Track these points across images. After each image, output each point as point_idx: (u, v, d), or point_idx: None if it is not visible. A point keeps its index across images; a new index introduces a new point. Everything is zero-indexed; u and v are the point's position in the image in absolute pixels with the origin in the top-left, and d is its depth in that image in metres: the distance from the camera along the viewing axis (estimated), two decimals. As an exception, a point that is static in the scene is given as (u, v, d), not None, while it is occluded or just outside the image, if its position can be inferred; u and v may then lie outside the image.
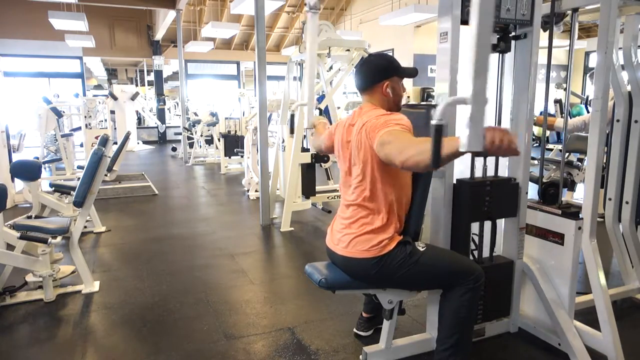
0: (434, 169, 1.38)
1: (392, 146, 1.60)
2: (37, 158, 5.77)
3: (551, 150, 6.03)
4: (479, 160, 2.14)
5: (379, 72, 1.87)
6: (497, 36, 2.10)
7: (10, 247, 2.81)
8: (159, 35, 12.55)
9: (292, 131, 4.14)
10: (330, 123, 5.10)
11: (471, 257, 2.18)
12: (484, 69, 1.23)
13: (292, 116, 4.06)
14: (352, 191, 1.88)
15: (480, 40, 1.21)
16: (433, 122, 1.29)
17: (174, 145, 11.29)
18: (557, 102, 6.07)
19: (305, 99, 2.93)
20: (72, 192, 3.70)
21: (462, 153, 1.31)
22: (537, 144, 8.57)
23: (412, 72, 1.94)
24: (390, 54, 10.99)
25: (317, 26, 3.82)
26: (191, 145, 9.38)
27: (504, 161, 2.24)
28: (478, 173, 2.14)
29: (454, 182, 2.06)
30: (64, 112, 8.47)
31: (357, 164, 1.83)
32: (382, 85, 1.86)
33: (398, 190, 1.84)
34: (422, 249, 1.83)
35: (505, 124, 2.21)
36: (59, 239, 2.76)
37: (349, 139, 1.89)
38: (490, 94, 2.18)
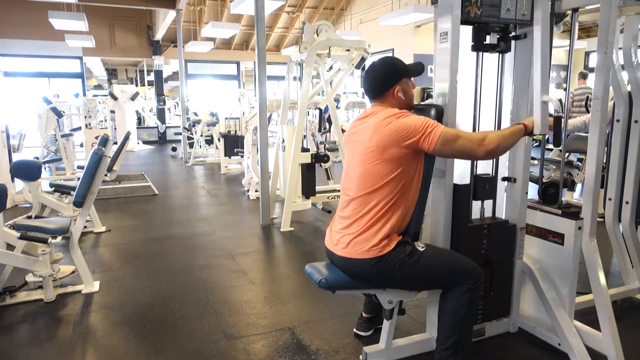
0: (557, 146, 1.88)
1: (463, 140, 1.75)
2: (37, 158, 5.77)
3: (551, 150, 6.03)
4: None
5: (386, 79, 1.88)
6: (498, 36, 2.10)
7: (10, 247, 2.81)
8: (159, 35, 12.55)
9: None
10: (330, 123, 5.11)
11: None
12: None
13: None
14: (354, 190, 1.86)
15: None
16: (554, 114, 1.97)
17: (174, 145, 11.29)
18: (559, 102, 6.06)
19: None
20: (72, 192, 3.70)
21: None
22: (537, 144, 8.56)
23: (418, 69, 1.95)
24: (390, 54, 11.02)
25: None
26: (191, 145, 9.39)
27: (504, 161, 2.24)
28: (475, 215, 2.19)
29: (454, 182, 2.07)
30: (64, 112, 8.47)
31: (371, 159, 1.80)
32: (392, 91, 1.87)
33: (406, 193, 1.82)
34: (421, 249, 1.83)
35: (506, 124, 2.21)
36: (59, 239, 2.76)
37: (357, 139, 1.88)
38: (491, 94, 2.20)
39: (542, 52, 1.95)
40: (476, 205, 2.19)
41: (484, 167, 2.20)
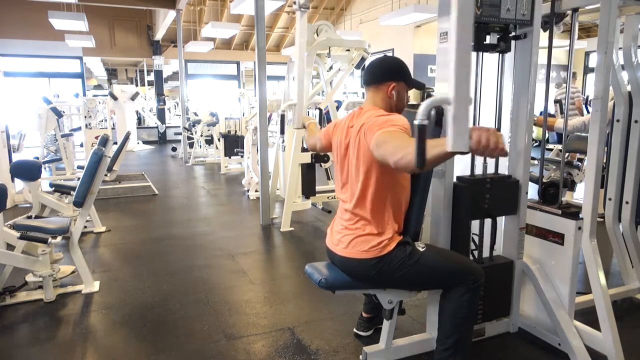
0: (420, 169, 1.35)
1: (386, 146, 1.58)
2: (37, 158, 5.77)
3: (551, 150, 6.03)
4: (479, 158, 2.15)
5: (389, 72, 1.89)
6: (498, 36, 2.10)
7: (10, 247, 2.81)
8: (159, 35, 12.55)
9: (282, 131, 4.16)
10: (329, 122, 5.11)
11: (471, 257, 2.19)
12: (466, 69, 1.22)
13: (282, 116, 4.08)
14: (350, 192, 1.88)
15: (460, 39, 1.20)
16: (415, 122, 1.29)
17: (174, 145, 11.29)
18: (557, 102, 6.08)
19: (294, 99, 2.92)
20: (72, 192, 3.70)
21: (450, 154, 1.30)
22: (537, 144, 8.57)
23: (419, 85, 1.97)
24: (390, 54, 11.02)
25: (306, 25, 3.82)
26: (191, 145, 9.38)
27: (504, 160, 2.24)
28: (478, 170, 2.15)
29: (454, 180, 2.06)
30: (64, 112, 8.47)
31: (356, 165, 1.83)
32: (388, 86, 1.87)
33: (397, 192, 1.84)
34: (422, 249, 1.83)
35: (505, 123, 2.21)
36: (59, 239, 2.76)
37: (347, 140, 1.89)
38: (491, 94, 2.20)
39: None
40: (479, 161, 2.17)
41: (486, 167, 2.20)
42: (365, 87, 1.94)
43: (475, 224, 2.21)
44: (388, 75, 1.88)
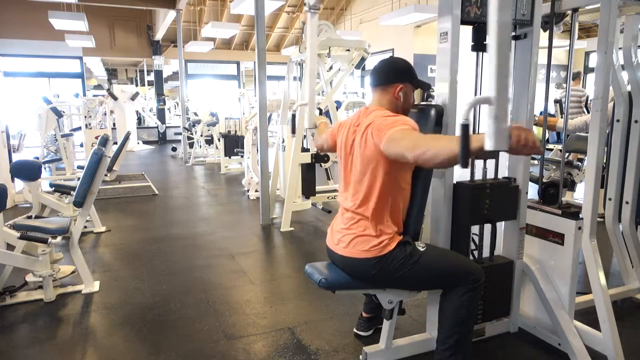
0: (464, 166, 1.37)
1: (403, 142, 1.61)
2: (37, 158, 5.77)
3: (551, 150, 6.03)
4: (479, 162, 2.15)
5: (397, 73, 1.89)
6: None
7: (10, 247, 2.81)
8: (159, 35, 12.54)
9: (293, 131, 4.15)
10: (331, 123, 5.12)
11: (471, 257, 2.18)
12: (506, 68, 1.25)
13: (294, 116, 4.08)
14: (353, 191, 1.88)
15: (501, 39, 1.22)
16: (460, 121, 1.33)
17: (174, 145, 11.30)
18: (557, 102, 6.08)
19: (305, 99, 2.94)
20: (72, 192, 3.70)
21: (489, 152, 1.32)
22: (537, 144, 8.55)
23: (425, 85, 1.97)
24: (390, 54, 11.02)
25: (317, 26, 3.81)
26: (191, 145, 9.38)
27: (503, 162, 2.24)
28: (478, 175, 2.15)
29: (454, 183, 2.06)
30: (64, 112, 8.47)
31: (361, 164, 1.82)
32: (395, 87, 1.87)
33: (398, 192, 1.84)
34: (422, 249, 1.83)
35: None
36: (59, 239, 2.76)
37: (352, 139, 1.88)
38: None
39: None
40: (479, 166, 2.15)
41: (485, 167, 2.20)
42: (372, 88, 1.94)
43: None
44: (395, 77, 1.88)
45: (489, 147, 1.28)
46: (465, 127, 1.31)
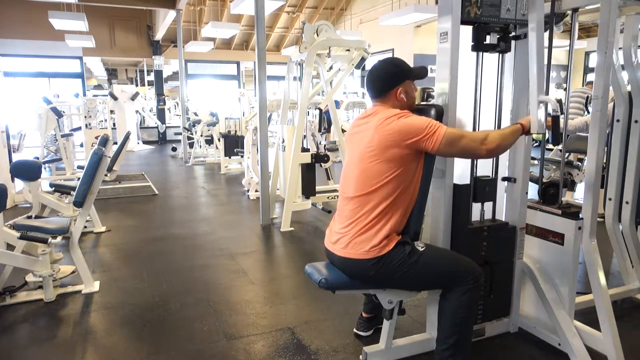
0: (556, 145, 1.65)
1: (466, 140, 1.78)
2: (37, 158, 5.77)
3: (551, 150, 6.03)
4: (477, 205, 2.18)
5: (389, 80, 1.89)
6: (497, 36, 2.10)
7: (10, 247, 2.81)
8: (159, 35, 12.55)
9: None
10: (330, 123, 5.12)
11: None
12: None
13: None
14: (356, 187, 1.86)
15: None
16: (552, 113, 1.92)
17: (174, 145, 11.30)
18: (557, 102, 6.06)
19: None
20: (72, 192, 3.69)
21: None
22: (537, 144, 8.56)
23: (421, 73, 1.95)
24: (390, 54, 11.02)
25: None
26: (191, 145, 9.38)
27: (503, 162, 2.24)
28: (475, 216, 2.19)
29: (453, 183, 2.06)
30: (64, 112, 8.47)
31: (370, 162, 1.80)
32: (395, 92, 1.87)
33: (403, 193, 1.82)
34: (421, 249, 1.83)
35: (506, 123, 2.20)
36: (59, 239, 2.76)
37: (362, 137, 1.87)
38: (491, 94, 2.19)
39: (537, 53, 1.94)
40: (476, 207, 2.19)
41: (484, 167, 2.20)
42: (372, 100, 1.94)
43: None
44: (390, 83, 1.88)
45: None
46: (556, 118, 1.91)
